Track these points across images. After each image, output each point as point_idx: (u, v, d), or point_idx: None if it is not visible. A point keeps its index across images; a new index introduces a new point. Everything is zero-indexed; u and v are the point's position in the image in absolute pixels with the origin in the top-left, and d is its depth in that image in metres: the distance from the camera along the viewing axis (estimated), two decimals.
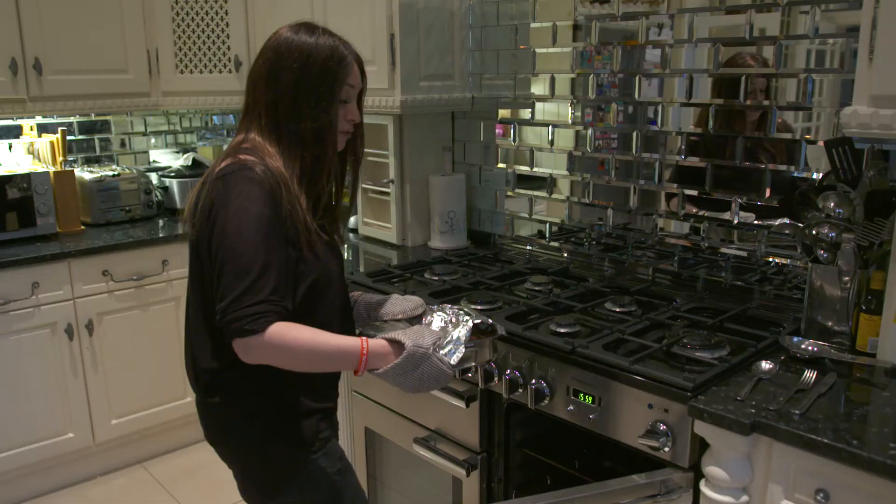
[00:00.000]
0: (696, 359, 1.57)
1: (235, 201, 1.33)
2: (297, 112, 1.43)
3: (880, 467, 1.21)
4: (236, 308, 1.27)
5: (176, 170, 3.51)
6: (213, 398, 1.48)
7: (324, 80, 1.43)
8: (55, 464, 2.89)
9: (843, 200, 1.68)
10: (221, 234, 1.32)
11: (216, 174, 1.39)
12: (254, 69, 1.48)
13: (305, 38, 1.44)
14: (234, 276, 1.29)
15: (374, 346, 1.37)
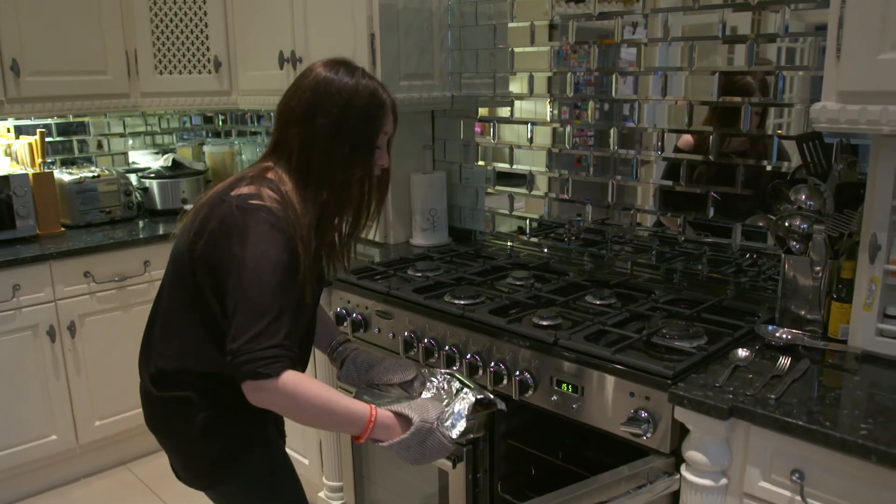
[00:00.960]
0: (675, 348, 1.62)
1: (255, 243, 1.31)
2: (330, 160, 1.41)
3: (852, 447, 1.26)
4: (250, 350, 1.27)
5: (156, 171, 3.50)
6: (159, 390, 1.49)
7: (361, 129, 1.42)
8: (39, 466, 2.88)
9: (813, 193, 1.74)
10: (238, 275, 1.31)
11: (237, 200, 1.36)
12: (287, 106, 1.43)
13: (346, 79, 1.41)
14: (249, 318, 1.28)
15: (381, 416, 1.38)
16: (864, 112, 1.43)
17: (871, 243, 1.59)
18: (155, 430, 1.56)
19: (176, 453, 1.55)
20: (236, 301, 1.30)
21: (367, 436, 1.38)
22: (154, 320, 1.52)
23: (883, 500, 1.27)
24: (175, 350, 1.46)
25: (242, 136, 3.83)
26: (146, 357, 1.52)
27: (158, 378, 1.49)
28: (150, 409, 1.55)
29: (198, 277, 1.40)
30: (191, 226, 1.41)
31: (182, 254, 1.42)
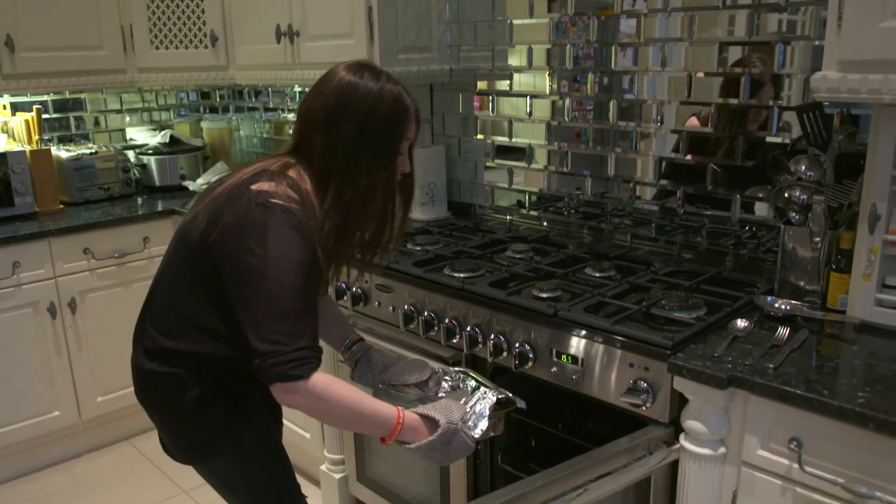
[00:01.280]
0: (675, 319, 1.63)
1: (276, 245, 1.30)
2: (353, 167, 1.39)
3: (850, 415, 1.27)
4: (279, 352, 1.27)
5: (153, 147, 3.49)
6: (152, 365, 1.48)
7: (385, 136, 1.40)
8: (42, 442, 2.90)
9: (813, 164, 1.74)
10: (260, 276, 1.29)
11: (257, 197, 1.33)
12: (310, 110, 1.41)
13: (370, 84, 1.38)
14: (274, 320, 1.28)
15: (408, 419, 1.39)
16: (865, 81, 1.42)
17: (871, 213, 1.59)
18: (145, 404, 1.56)
19: (165, 428, 1.56)
20: (259, 302, 1.29)
21: (394, 438, 1.38)
22: (153, 296, 1.52)
23: (880, 468, 1.28)
24: (172, 329, 1.46)
25: (240, 112, 3.81)
26: (141, 331, 1.52)
27: (152, 353, 1.48)
28: (141, 383, 1.54)
29: (206, 266, 1.39)
30: (205, 214, 1.38)
31: (192, 240, 1.40)
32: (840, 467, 1.33)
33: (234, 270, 1.33)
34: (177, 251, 1.47)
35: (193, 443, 1.53)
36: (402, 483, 2.25)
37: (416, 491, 2.19)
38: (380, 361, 1.63)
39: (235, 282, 1.34)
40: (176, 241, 1.49)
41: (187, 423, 1.50)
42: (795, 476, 1.39)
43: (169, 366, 1.46)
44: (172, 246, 1.50)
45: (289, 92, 3.46)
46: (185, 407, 1.47)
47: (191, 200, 3.21)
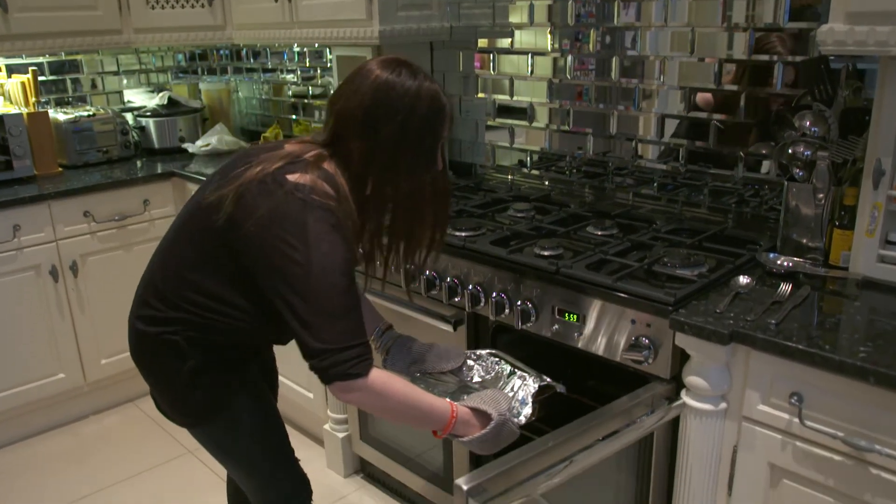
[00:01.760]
0: (677, 276, 1.63)
1: (318, 244, 1.28)
2: (394, 170, 1.36)
3: (851, 369, 1.27)
4: (336, 352, 1.27)
5: (152, 109, 3.46)
6: (151, 330, 1.47)
7: (424, 137, 1.37)
8: (48, 404, 2.93)
9: (818, 119, 1.72)
10: (305, 276, 1.27)
11: (298, 191, 1.30)
12: (345, 108, 1.36)
13: (408, 82, 1.34)
14: (325, 320, 1.27)
15: (461, 413, 1.40)
16: (873, 33, 1.40)
17: (876, 169, 1.58)
18: (141, 367, 1.55)
19: (160, 392, 1.56)
20: (309, 302, 1.27)
21: (448, 432, 1.39)
22: (158, 264, 1.49)
23: (880, 421, 1.29)
24: (179, 299, 1.43)
25: (238, 74, 3.77)
26: (143, 298, 1.50)
27: (153, 320, 1.46)
28: (139, 348, 1.53)
29: (228, 249, 1.36)
30: (234, 198, 1.33)
31: (215, 221, 1.36)
32: (840, 421, 1.34)
33: (270, 265, 1.30)
34: (193, 226, 1.43)
35: (189, 409, 1.53)
36: (404, 441, 2.27)
37: (420, 449, 2.21)
38: (414, 349, 1.63)
39: (272, 276, 1.30)
40: (190, 216, 1.45)
41: (184, 390, 1.49)
42: (796, 430, 1.40)
43: (170, 334, 1.45)
44: (186, 218, 1.46)
45: (287, 52, 3.42)
46: (182, 375, 1.47)
47: (190, 163, 3.20)
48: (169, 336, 1.45)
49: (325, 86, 3.28)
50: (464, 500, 1.23)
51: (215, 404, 1.51)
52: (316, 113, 3.38)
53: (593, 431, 1.42)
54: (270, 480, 1.64)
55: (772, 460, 1.45)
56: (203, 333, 1.45)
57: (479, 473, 1.25)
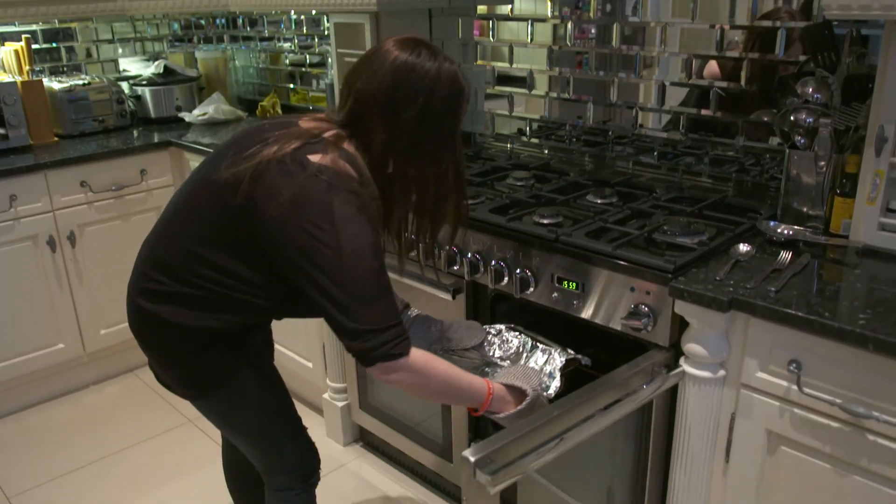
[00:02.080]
0: (677, 244, 1.62)
1: (346, 226, 1.26)
2: (415, 153, 1.35)
3: (850, 336, 1.27)
4: (376, 334, 1.27)
5: (147, 78, 3.43)
6: (154, 306, 1.43)
7: (445, 120, 1.35)
8: (48, 374, 2.94)
9: (821, 86, 1.70)
10: (337, 259, 1.25)
11: (323, 173, 1.27)
12: (364, 89, 1.33)
13: (428, 63, 1.31)
14: (364, 303, 1.27)
15: (497, 390, 1.42)
16: None
17: (878, 136, 1.56)
18: (141, 341, 1.52)
19: (162, 366, 1.53)
20: (344, 286, 1.26)
21: (485, 409, 1.40)
22: (162, 239, 1.46)
23: (878, 388, 1.29)
24: (187, 274, 1.40)
25: (235, 42, 3.72)
26: (144, 272, 1.46)
27: (157, 295, 1.43)
28: (139, 323, 1.50)
29: (245, 228, 1.33)
30: (252, 178, 1.30)
31: (230, 199, 1.33)
32: (838, 388, 1.34)
33: (297, 250, 1.28)
34: (204, 202, 1.39)
35: (192, 382, 1.51)
36: (404, 410, 2.28)
37: (419, 417, 2.22)
38: (434, 328, 1.63)
39: (300, 261, 1.28)
40: (198, 190, 1.41)
41: (186, 364, 1.48)
42: (794, 397, 1.40)
43: (174, 309, 1.42)
44: (193, 192, 1.43)
45: (284, 20, 3.38)
46: (185, 350, 1.45)
47: (187, 132, 3.17)
48: (174, 312, 1.42)
49: (322, 54, 3.25)
50: (471, 471, 1.23)
51: (219, 377, 1.50)
52: (313, 82, 3.35)
53: (596, 401, 1.42)
54: (278, 450, 1.63)
55: (769, 427, 1.45)
56: (210, 308, 1.41)
57: (485, 445, 1.25)
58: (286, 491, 1.67)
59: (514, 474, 1.26)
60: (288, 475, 1.65)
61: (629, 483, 1.68)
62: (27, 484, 2.49)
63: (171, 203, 1.49)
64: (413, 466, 2.43)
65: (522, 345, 1.63)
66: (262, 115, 3.44)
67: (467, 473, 1.23)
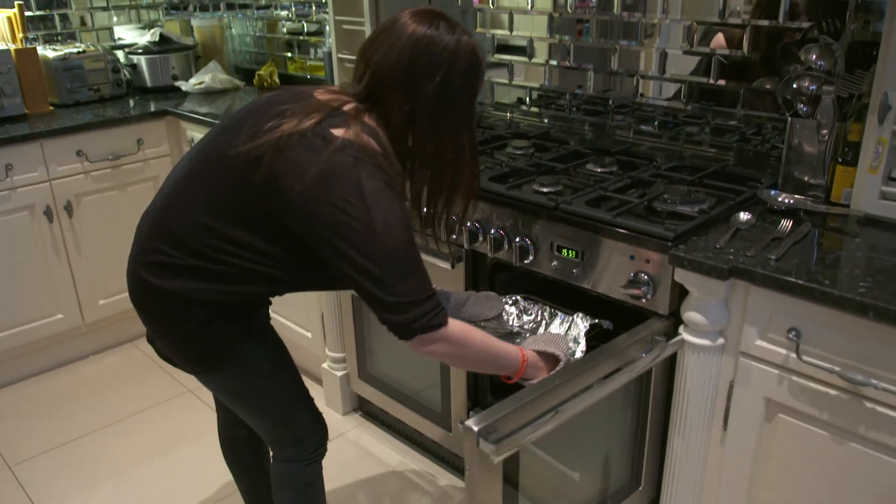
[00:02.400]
0: (677, 212, 1.61)
1: (376, 200, 1.25)
2: (434, 128, 1.33)
3: (850, 304, 1.27)
4: (415, 306, 1.28)
5: (143, 46, 3.39)
6: (160, 280, 1.40)
7: (464, 94, 1.33)
8: (48, 344, 2.94)
9: (825, 53, 1.68)
10: (368, 233, 1.24)
11: (343, 146, 1.26)
12: (383, 63, 1.31)
13: (447, 37, 1.30)
14: (400, 277, 1.27)
15: (530, 357, 1.44)
16: None
17: (882, 103, 1.55)
18: (145, 315, 1.49)
19: (167, 341, 1.50)
20: (378, 260, 1.25)
21: (519, 376, 1.42)
22: (172, 208, 1.41)
23: (877, 356, 1.29)
24: (198, 247, 1.36)
25: (231, 10, 3.67)
26: (149, 245, 1.42)
27: (164, 269, 1.39)
28: (143, 298, 1.46)
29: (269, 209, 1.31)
30: (273, 153, 1.27)
31: (247, 175, 1.30)
32: (837, 356, 1.34)
33: (327, 226, 1.26)
34: (218, 175, 1.36)
35: (199, 357, 1.49)
36: (402, 379, 2.28)
37: (418, 387, 2.23)
38: (452, 300, 1.63)
39: (330, 237, 1.27)
40: (210, 163, 1.38)
41: (192, 338, 1.45)
42: (793, 365, 1.40)
43: (183, 283, 1.39)
44: (203, 164, 1.39)
45: None
46: (192, 324, 1.42)
47: (184, 101, 3.14)
48: (181, 287, 1.38)
49: (319, 22, 3.21)
50: (474, 441, 1.23)
51: (226, 351, 1.48)
52: (311, 50, 3.31)
53: (596, 370, 1.42)
54: (287, 421, 1.63)
55: (768, 395, 1.46)
56: (224, 281, 1.39)
57: (487, 414, 1.25)
58: (295, 462, 1.66)
59: (518, 443, 1.27)
60: (297, 446, 1.65)
61: (627, 451, 1.69)
62: (29, 452, 2.50)
63: (177, 175, 1.45)
64: (412, 435, 2.44)
65: (540, 312, 1.65)
66: (260, 84, 3.41)
67: (470, 443, 1.23)
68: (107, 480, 2.36)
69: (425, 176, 1.40)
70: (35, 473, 2.41)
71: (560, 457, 1.58)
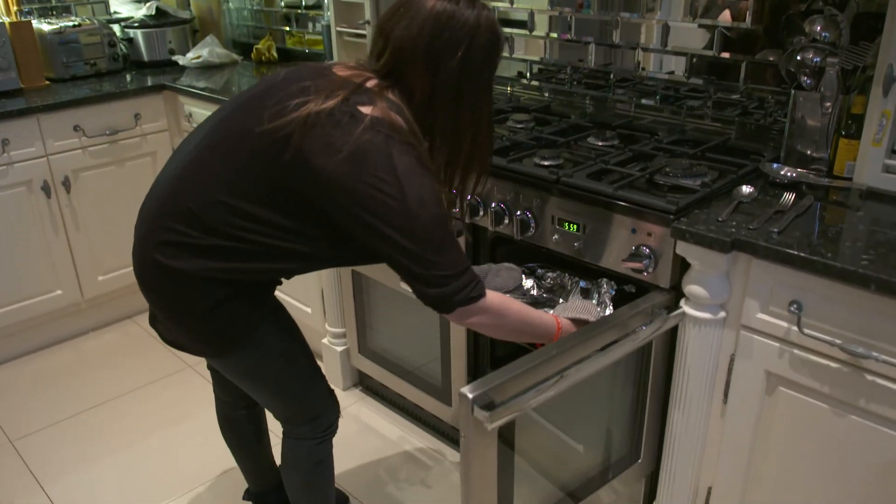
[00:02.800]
0: (679, 185, 1.60)
1: (409, 176, 1.25)
2: (455, 104, 1.32)
3: (852, 276, 1.26)
4: (453, 279, 1.29)
5: (139, 20, 3.35)
6: (175, 262, 1.37)
7: (484, 69, 1.33)
8: (47, 320, 2.94)
9: (829, 24, 1.66)
10: (403, 210, 1.24)
11: (372, 123, 1.25)
12: (404, 38, 1.29)
13: (467, 12, 1.28)
14: (438, 252, 1.28)
15: (564, 324, 1.48)
16: None
17: (887, 75, 1.53)
18: (157, 299, 1.45)
19: (179, 324, 1.46)
20: (415, 236, 1.26)
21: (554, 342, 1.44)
22: (186, 186, 1.37)
23: (879, 328, 1.29)
24: (218, 225, 1.34)
25: None
26: (164, 223, 1.38)
27: (179, 247, 1.36)
28: (154, 279, 1.42)
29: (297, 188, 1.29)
30: (301, 130, 1.26)
31: (273, 154, 1.28)
32: (839, 329, 1.34)
33: (360, 203, 1.25)
34: (241, 154, 1.32)
35: (213, 338, 1.45)
36: (403, 354, 2.29)
37: (419, 361, 2.23)
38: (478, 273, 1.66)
39: (363, 214, 1.26)
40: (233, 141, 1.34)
41: (206, 320, 1.42)
42: (794, 338, 1.40)
43: (201, 262, 1.35)
44: (227, 143, 1.36)
45: None
46: (207, 306, 1.39)
47: (181, 76, 3.12)
48: (198, 265, 1.36)
49: None
50: (469, 408, 1.23)
51: (242, 331, 1.45)
52: (309, 24, 3.28)
53: (594, 341, 1.42)
54: (301, 399, 1.62)
55: (768, 368, 1.46)
56: (245, 259, 1.36)
57: (483, 382, 1.25)
58: (308, 440, 1.66)
59: (512, 411, 1.27)
60: (311, 423, 1.65)
61: (627, 424, 1.69)
62: (29, 428, 2.51)
63: (189, 153, 1.41)
64: (412, 410, 2.45)
65: (561, 279, 1.68)
66: (258, 58, 3.38)
67: (465, 410, 1.24)
68: (107, 455, 2.37)
69: (444, 152, 1.39)
70: (36, 448, 2.41)
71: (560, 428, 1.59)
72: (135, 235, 1.46)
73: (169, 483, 2.25)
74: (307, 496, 1.73)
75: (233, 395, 1.81)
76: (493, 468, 1.36)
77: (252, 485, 1.98)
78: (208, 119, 1.46)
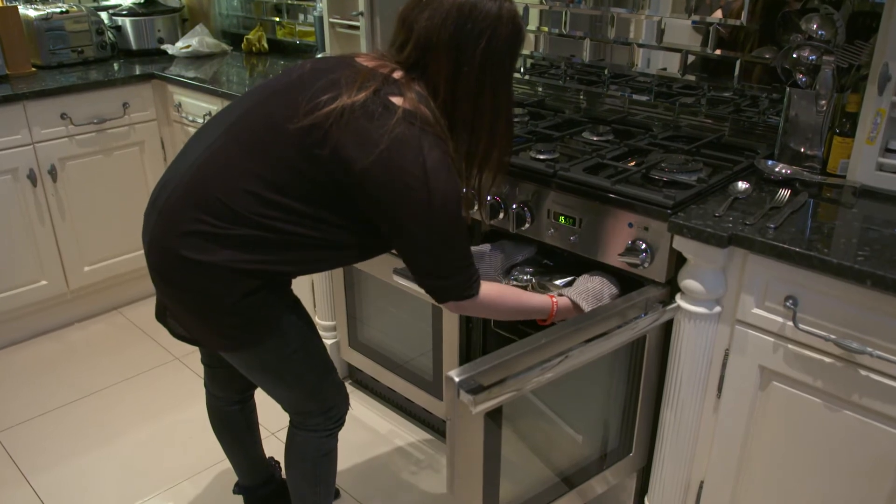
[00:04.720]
0: (675, 180, 1.60)
1: (437, 171, 1.26)
2: (477, 97, 1.32)
3: (848, 272, 1.27)
4: (456, 275, 1.36)
5: (128, 8, 3.31)
6: (200, 255, 1.34)
7: (506, 61, 1.34)
8: (33, 310, 2.90)
9: (825, 22, 1.67)
10: (427, 205, 1.26)
11: (405, 115, 1.25)
12: (427, 29, 1.29)
13: (489, 3, 1.29)
14: (449, 249, 1.33)
15: (562, 305, 1.53)
16: None
17: (882, 74, 1.54)
18: (178, 293, 1.42)
19: (201, 319, 1.44)
20: (432, 232, 1.30)
21: (551, 320, 1.53)
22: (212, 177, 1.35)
23: (873, 324, 1.30)
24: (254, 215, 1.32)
25: None
26: (188, 213, 1.35)
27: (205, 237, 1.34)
28: (180, 272, 1.38)
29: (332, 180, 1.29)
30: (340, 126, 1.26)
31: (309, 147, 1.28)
32: (833, 324, 1.35)
33: (388, 194, 1.28)
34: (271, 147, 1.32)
35: (238, 331, 1.43)
36: (393, 347, 2.28)
37: (410, 355, 2.22)
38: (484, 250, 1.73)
39: (387, 204, 1.29)
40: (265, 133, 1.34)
41: (231, 313, 1.39)
42: (789, 333, 1.41)
43: (230, 254, 1.33)
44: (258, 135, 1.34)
45: None
46: (234, 298, 1.37)
47: (170, 65, 3.08)
48: (227, 256, 1.34)
49: None
50: (455, 392, 1.24)
51: (267, 323, 1.43)
52: (300, 15, 3.25)
53: (587, 330, 1.42)
54: (316, 391, 1.61)
55: (763, 363, 1.47)
56: (277, 249, 1.35)
57: (470, 367, 1.26)
58: (319, 432, 1.65)
59: (498, 396, 1.27)
60: (323, 416, 1.64)
61: (619, 418, 1.70)
62: (14, 419, 2.48)
63: (211, 145, 1.39)
64: (402, 404, 2.44)
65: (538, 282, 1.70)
66: (248, 49, 3.35)
67: (451, 393, 1.25)
68: (93, 448, 2.35)
69: (464, 143, 1.39)
70: (21, 440, 2.38)
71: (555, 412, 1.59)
72: (151, 227, 1.42)
73: (156, 475, 2.23)
74: (313, 488, 1.73)
75: (226, 390, 1.79)
76: (479, 452, 1.37)
77: (243, 479, 1.97)
78: (228, 110, 1.44)
